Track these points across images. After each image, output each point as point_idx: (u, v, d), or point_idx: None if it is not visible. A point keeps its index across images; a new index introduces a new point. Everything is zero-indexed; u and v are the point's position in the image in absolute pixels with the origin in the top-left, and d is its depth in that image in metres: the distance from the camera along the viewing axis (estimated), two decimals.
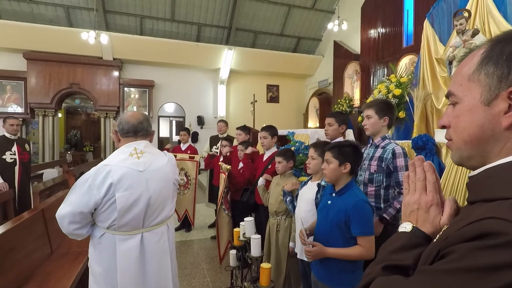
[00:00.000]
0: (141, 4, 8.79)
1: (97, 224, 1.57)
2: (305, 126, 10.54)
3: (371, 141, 2.20)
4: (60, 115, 10.36)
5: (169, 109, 10.73)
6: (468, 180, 0.60)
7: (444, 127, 0.63)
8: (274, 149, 3.21)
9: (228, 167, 3.27)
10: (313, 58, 11.04)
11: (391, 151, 2.00)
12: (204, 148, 5.26)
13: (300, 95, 11.89)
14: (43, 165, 6.78)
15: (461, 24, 3.64)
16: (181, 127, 9.60)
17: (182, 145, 4.78)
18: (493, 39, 0.56)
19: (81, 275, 2.36)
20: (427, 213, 0.64)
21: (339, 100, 8.48)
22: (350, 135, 3.83)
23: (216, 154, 4.64)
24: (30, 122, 8.91)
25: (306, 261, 1.90)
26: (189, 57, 9.75)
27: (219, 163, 3.60)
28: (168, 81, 10.09)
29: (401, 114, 4.48)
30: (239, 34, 10.09)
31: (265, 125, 3.35)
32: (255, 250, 2.13)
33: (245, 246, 2.34)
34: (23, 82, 8.46)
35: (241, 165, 3.56)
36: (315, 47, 11.18)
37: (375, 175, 2.03)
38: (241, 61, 10.24)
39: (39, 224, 2.54)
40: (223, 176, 3.36)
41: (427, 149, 3.10)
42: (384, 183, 2.02)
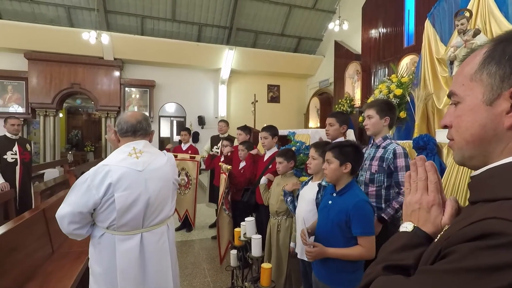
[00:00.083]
0: (142, 4, 8.80)
1: (97, 224, 1.57)
2: (306, 126, 10.55)
3: (372, 141, 2.20)
4: (61, 115, 10.38)
5: (170, 109, 10.74)
6: (470, 180, 0.60)
7: (446, 126, 0.63)
8: (275, 149, 3.21)
9: (228, 167, 3.27)
10: (314, 58, 11.04)
11: (392, 151, 2.00)
12: (204, 147, 5.27)
13: (301, 95, 11.89)
14: (44, 165, 6.78)
15: (462, 24, 3.63)
16: (182, 127, 9.60)
17: (183, 145, 4.78)
18: (495, 38, 0.56)
19: (82, 275, 2.36)
20: (429, 213, 0.64)
21: (340, 100, 8.47)
22: (351, 135, 3.82)
23: (217, 154, 4.64)
24: (31, 122, 8.92)
25: (307, 261, 1.90)
26: (190, 57, 9.75)
27: (219, 163, 3.60)
28: (169, 81, 10.10)
29: (402, 114, 4.48)
30: (240, 34, 10.09)
31: (265, 125, 3.35)
32: (255, 250, 2.13)
33: (246, 246, 2.34)
34: (24, 82, 8.48)
35: (241, 165, 3.56)
36: (316, 47, 11.17)
37: (376, 175, 2.03)
38: (242, 61, 10.24)
39: (40, 224, 2.55)
40: (223, 177, 3.36)
41: (428, 149, 3.09)
42: (385, 183, 2.02)
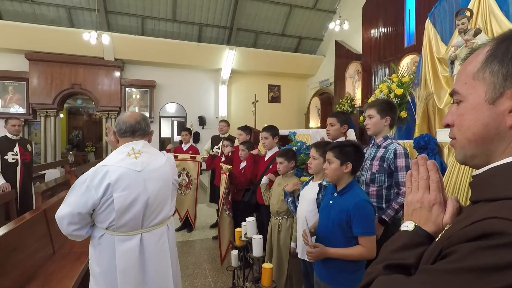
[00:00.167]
0: (142, 4, 8.81)
1: (96, 225, 1.57)
2: (307, 126, 10.54)
3: (373, 141, 2.20)
4: (62, 115, 10.39)
5: (170, 109, 10.74)
6: (472, 179, 0.59)
7: (448, 125, 0.63)
8: (276, 149, 3.21)
9: (229, 167, 3.27)
10: (315, 58, 11.03)
11: (393, 151, 1.99)
12: (204, 147, 5.27)
13: (301, 95, 11.88)
14: (45, 165, 6.79)
15: (463, 24, 3.63)
16: (182, 127, 9.59)
17: (183, 145, 4.79)
18: (498, 37, 0.55)
19: (83, 276, 2.36)
20: (430, 212, 0.64)
21: (340, 100, 8.46)
22: (351, 135, 3.82)
23: (217, 155, 4.64)
24: (32, 123, 8.93)
25: (307, 261, 1.89)
26: (191, 57, 9.75)
27: (219, 164, 3.60)
28: (169, 81, 10.10)
29: (403, 114, 4.47)
30: (240, 34, 10.09)
31: (266, 125, 3.35)
32: (256, 250, 2.13)
33: (247, 246, 2.34)
34: (25, 82, 8.48)
35: (242, 165, 3.56)
36: (316, 47, 11.16)
37: (377, 175, 2.03)
38: (242, 61, 10.24)
39: (41, 224, 2.55)
40: (224, 177, 3.36)
41: (429, 148, 3.08)
42: (386, 183, 2.02)
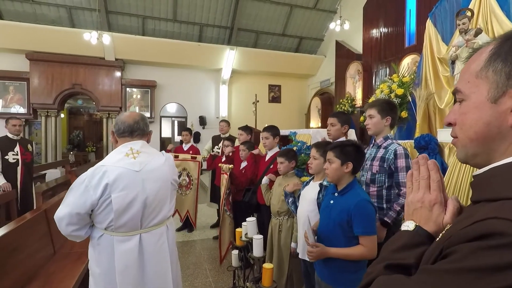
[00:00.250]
0: (143, 4, 8.81)
1: (95, 226, 1.56)
2: (307, 126, 10.52)
3: (373, 141, 2.20)
4: (62, 115, 10.41)
5: (171, 109, 10.74)
6: (473, 179, 0.59)
7: (450, 124, 0.63)
8: (276, 149, 3.21)
9: (229, 167, 3.27)
10: (315, 58, 11.02)
11: (393, 151, 1.99)
12: (205, 147, 5.27)
13: (302, 95, 11.88)
14: (45, 165, 6.79)
15: (463, 24, 3.62)
16: (183, 127, 9.56)
17: (184, 145, 4.79)
18: (502, 36, 0.55)
19: (83, 276, 2.36)
20: (430, 212, 0.64)
21: (341, 100, 8.45)
22: (352, 135, 3.81)
23: (218, 155, 4.64)
24: (33, 123, 8.94)
25: (308, 261, 1.89)
26: (191, 57, 9.75)
27: (220, 164, 3.60)
28: (170, 81, 10.10)
29: (404, 114, 4.47)
30: (241, 34, 10.09)
31: (267, 125, 3.35)
32: (257, 250, 2.13)
33: (247, 246, 2.34)
34: (26, 82, 8.49)
35: (243, 165, 3.56)
36: (317, 47, 11.16)
37: (377, 176, 2.03)
38: (243, 61, 10.24)
39: (42, 224, 2.55)
40: (224, 177, 3.36)
41: (429, 148, 3.08)
42: (386, 184, 2.02)
